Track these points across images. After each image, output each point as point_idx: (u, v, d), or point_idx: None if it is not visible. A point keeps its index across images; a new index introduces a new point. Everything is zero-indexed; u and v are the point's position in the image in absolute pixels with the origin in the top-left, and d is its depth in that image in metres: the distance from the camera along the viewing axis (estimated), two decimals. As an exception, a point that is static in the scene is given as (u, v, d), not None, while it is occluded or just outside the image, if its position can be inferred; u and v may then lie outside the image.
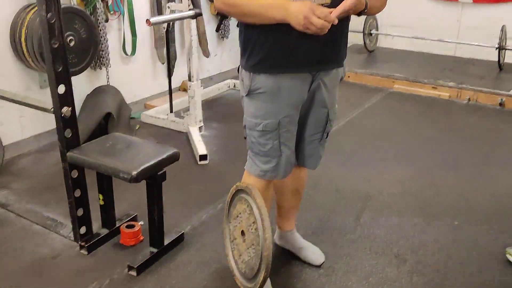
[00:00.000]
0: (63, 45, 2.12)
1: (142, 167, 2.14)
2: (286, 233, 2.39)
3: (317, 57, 1.84)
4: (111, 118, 3.61)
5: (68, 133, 2.26)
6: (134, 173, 2.11)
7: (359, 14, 1.76)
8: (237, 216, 2.07)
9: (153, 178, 2.24)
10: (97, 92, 3.74)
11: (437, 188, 3.08)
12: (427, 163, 3.42)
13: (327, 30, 1.62)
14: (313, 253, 2.34)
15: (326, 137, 2.08)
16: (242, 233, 2.04)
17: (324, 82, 1.91)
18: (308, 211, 2.74)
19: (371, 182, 3.13)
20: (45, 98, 2.61)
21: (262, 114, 1.90)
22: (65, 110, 2.21)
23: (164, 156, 2.26)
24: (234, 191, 2.10)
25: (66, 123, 2.24)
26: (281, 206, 2.34)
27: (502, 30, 5.08)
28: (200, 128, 3.82)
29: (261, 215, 1.90)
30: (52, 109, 2.23)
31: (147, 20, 3.04)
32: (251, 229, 1.96)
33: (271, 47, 1.79)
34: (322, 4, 1.65)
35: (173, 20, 3.72)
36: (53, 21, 2.05)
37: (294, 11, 1.62)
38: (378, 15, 6.00)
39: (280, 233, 2.42)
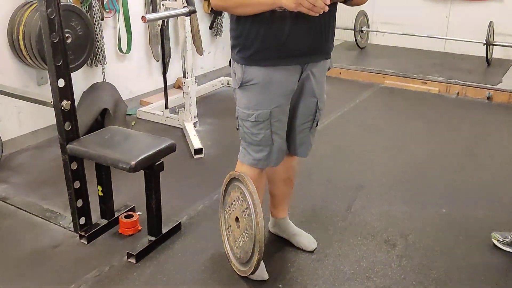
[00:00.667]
0: (63, 39, 2.20)
1: (141, 157, 2.22)
2: (280, 220, 2.47)
3: (307, 50, 1.92)
4: (108, 113, 3.67)
5: (68, 125, 2.33)
6: (133, 163, 2.18)
7: (345, 1, 1.82)
8: (232, 204, 2.16)
9: (151, 168, 2.31)
10: (94, 89, 3.80)
11: (426, 177, 3.17)
12: (416, 154, 3.52)
13: (321, 5, 1.64)
14: (306, 239, 2.42)
15: (316, 126, 2.16)
16: (237, 219, 2.13)
17: (312, 73, 1.99)
18: (301, 200, 2.82)
19: (362, 173, 3.21)
20: (43, 95, 2.66)
21: (254, 105, 1.98)
22: (65, 103, 2.28)
23: (162, 147, 2.34)
24: (228, 180, 2.19)
25: (66, 116, 2.31)
26: (273, 194, 2.41)
27: (489, 26, 5.18)
28: (194, 123, 3.89)
29: (253, 200, 1.98)
30: (52, 103, 2.30)
31: (143, 17, 3.11)
32: (245, 214, 2.04)
33: (263, 40, 1.87)
34: None
35: (168, 17, 3.79)
36: (53, 16, 2.12)
37: None
38: (368, 13, 6.10)
39: (273, 221, 2.50)
